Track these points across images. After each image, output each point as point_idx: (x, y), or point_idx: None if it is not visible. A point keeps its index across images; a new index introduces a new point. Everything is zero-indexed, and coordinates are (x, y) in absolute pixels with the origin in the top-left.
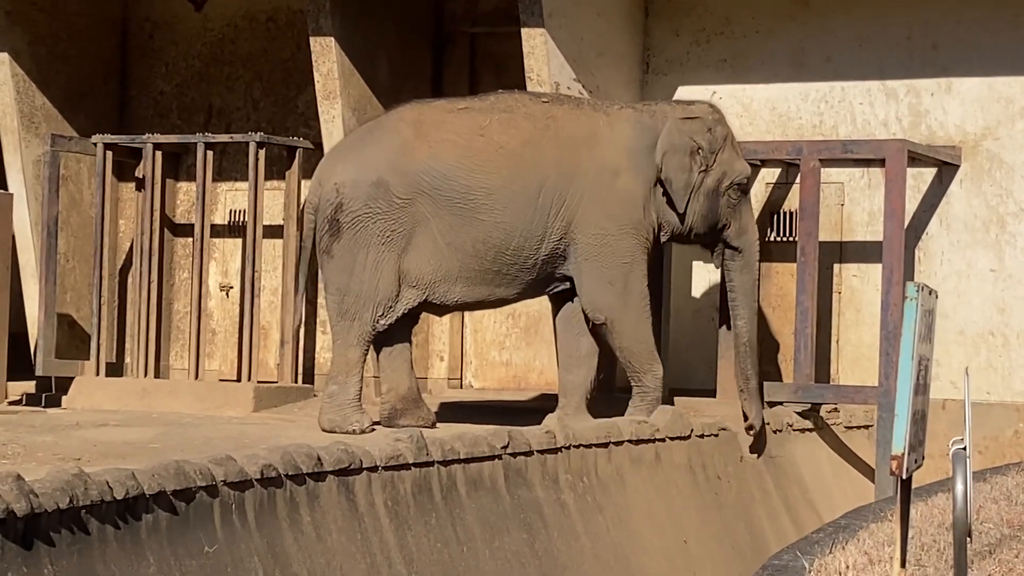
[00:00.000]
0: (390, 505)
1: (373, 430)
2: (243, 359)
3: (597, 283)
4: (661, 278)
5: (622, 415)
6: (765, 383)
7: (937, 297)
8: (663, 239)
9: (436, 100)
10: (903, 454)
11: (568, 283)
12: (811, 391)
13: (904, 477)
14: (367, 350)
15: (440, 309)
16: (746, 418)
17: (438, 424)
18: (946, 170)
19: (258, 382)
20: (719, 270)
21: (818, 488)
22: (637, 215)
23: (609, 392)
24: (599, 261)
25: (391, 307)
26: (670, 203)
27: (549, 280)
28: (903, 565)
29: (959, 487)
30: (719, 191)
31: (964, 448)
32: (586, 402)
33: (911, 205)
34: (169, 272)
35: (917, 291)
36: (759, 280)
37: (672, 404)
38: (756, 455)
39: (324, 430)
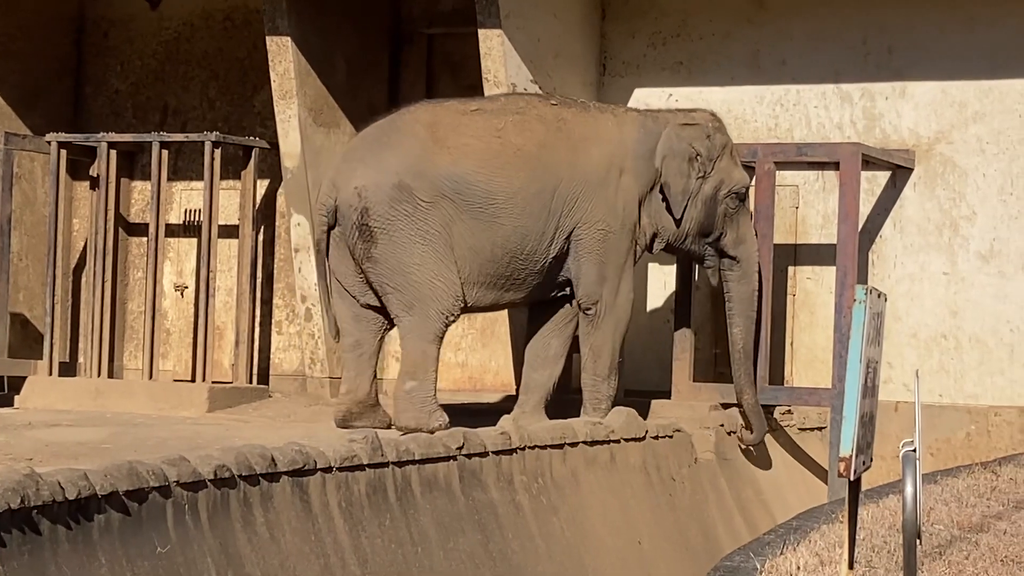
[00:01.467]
0: (344, 506)
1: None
2: (197, 359)
3: (596, 276)
4: None
5: (576, 417)
6: (719, 385)
7: (886, 300)
8: (658, 247)
9: (447, 101)
10: (851, 456)
11: (568, 288)
12: (765, 393)
13: (852, 479)
14: (440, 346)
15: (465, 310)
16: (751, 430)
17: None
18: (900, 173)
19: (212, 382)
20: (716, 282)
21: (771, 489)
22: (635, 217)
23: (564, 393)
24: (600, 256)
25: (457, 299)
26: (668, 209)
27: (553, 283)
28: (851, 566)
29: (909, 489)
30: (716, 199)
31: (914, 450)
32: (545, 403)
33: (865, 208)
34: (123, 272)
35: (865, 294)
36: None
37: (626, 405)
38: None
39: (408, 428)
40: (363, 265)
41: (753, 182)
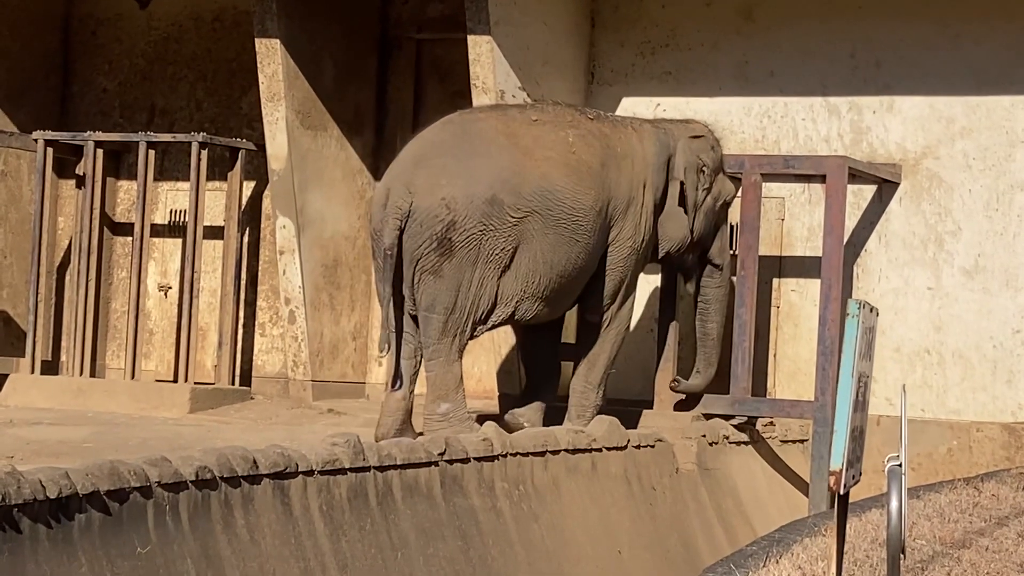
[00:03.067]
0: (325, 510)
1: None
2: (180, 360)
3: (612, 290)
4: None
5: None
6: (704, 395)
7: (878, 315)
8: (656, 256)
9: (504, 108)
10: (841, 470)
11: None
12: (747, 404)
13: (842, 493)
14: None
15: (500, 325)
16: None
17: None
18: (886, 188)
19: (195, 383)
20: (692, 290)
21: (752, 501)
22: (652, 231)
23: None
24: (622, 272)
25: (484, 322)
26: (680, 220)
27: (577, 297)
28: None
29: (894, 504)
30: (715, 210)
31: (900, 465)
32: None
33: (851, 221)
34: (107, 271)
35: (859, 308)
36: (694, 290)
37: (609, 414)
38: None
39: None
40: (421, 276)
41: (739, 193)
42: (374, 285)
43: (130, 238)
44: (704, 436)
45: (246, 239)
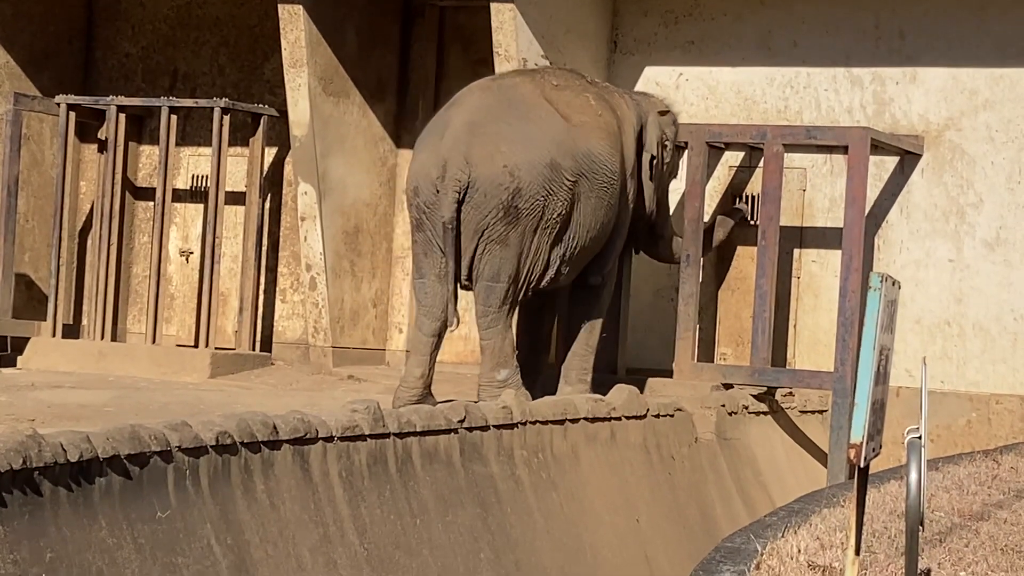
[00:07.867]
0: (344, 476)
1: None
2: (201, 325)
3: (611, 252)
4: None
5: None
6: (722, 365)
7: (900, 288)
8: None
9: (528, 73)
10: (861, 443)
11: None
12: (767, 374)
13: (862, 466)
14: None
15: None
16: None
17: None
18: (908, 159)
19: (215, 348)
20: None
21: (771, 471)
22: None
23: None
24: (621, 235)
25: (533, 288)
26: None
27: None
28: (857, 552)
29: (913, 476)
30: (664, 183)
31: (919, 437)
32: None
33: (872, 193)
34: (129, 235)
35: (881, 281)
36: (714, 260)
37: (628, 383)
38: None
39: None
40: (487, 247)
41: (761, 164)
42: (413, 258)
43: (152, 203)
44: (723, 406)
45: (267, 205)
